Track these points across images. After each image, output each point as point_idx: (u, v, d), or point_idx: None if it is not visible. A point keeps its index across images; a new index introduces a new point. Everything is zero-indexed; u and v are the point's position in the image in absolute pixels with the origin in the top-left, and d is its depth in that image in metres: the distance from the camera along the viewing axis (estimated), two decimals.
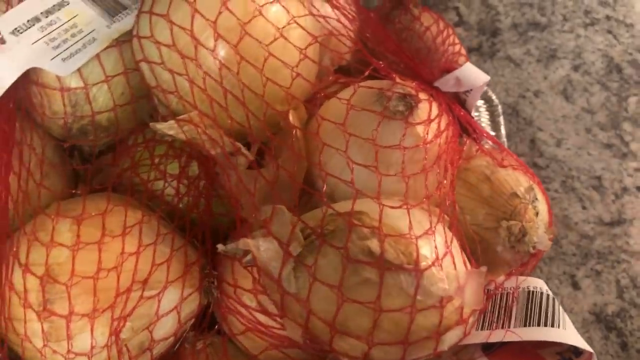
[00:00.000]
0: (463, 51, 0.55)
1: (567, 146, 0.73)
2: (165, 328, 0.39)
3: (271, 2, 0.40)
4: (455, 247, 0.34)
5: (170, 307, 0.39)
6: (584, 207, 0.68)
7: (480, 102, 0.60)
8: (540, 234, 0.39)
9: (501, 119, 0.58)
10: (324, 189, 0.35)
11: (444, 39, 0.52)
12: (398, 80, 0.39)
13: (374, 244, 0.31)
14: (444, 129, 0.38)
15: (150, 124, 0.41)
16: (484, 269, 0.33)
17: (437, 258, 0.31)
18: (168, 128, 0.41)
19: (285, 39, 0.39)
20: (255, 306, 0.38)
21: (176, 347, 0.42)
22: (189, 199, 0.44)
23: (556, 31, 0.82)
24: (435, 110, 0.38)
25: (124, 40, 0.44)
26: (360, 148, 0.37)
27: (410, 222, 0.32)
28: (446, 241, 0.33)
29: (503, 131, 0.58)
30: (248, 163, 0.41)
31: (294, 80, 0.39)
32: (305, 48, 0.39)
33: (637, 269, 0.65)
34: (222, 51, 0.38)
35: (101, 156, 0.48)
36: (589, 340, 0.61)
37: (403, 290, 0.30)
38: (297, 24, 0.40)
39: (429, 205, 0.34)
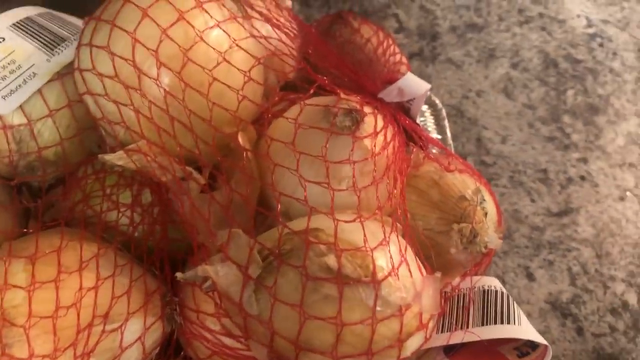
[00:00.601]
0: (404, 60, 0.56)
1: (512, 142, 0.75)
2: None
3: (211, 27, 0.40)
4: (410, 255, 0.35)
5: (133, 338, 0.39)
6: (532, 200, 0.71)
7: (424, 107, 0.62)
8: (490, 234, 0.40)
9: (446, 122, 0.60)
10: (279, 208, 0.35)
11: (384, 49, 0.53)
12: (343, 95, 0.39)
13: (331, 260, 0.31)
14: (390, 139, 0.39)
15: (99, 155, 0.41)
16: (439, 274, 0.34)
17: (393, 268, 0.32)
18: (117, 159, 0.40)
19: (229, 62, 0.39)
20: (219, 329, 0.38)
21: None
22: (144, 227, 0.44)
23: (493, 31, 0.85)
24: (380, 123, 0.39)
25: (66, 73, 0.43)
26: (311, 165, 0.37)
27: (365, 234, 0.33)
28: (400, 250, 0.34)
29: (449, 134, 0.59)
30: (200, 187, 0.41)
31: (241, 103, 0.40)
32: (249, 70, 0.39)
33: (587, 255, 0.67)
34: (166, 79, 0.38)
35: (51, 190, 0.47)
36: (547, 329, 0.63)
37: (363, 302, 0.31)
38: (239, 46, 0.40)
39: (382, 215, 0.35)
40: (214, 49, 0.39)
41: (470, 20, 0.85)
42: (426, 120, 0.61)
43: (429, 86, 0.45)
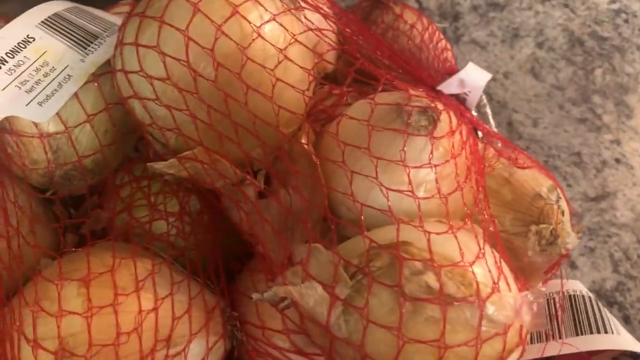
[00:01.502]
0: (448, 45, 0.53)
1: (544, 125, 0.73)
2: None
3: (267, 21, 0.37)
4: (505, 266, 0.32)
5: (198, 359, 0.36)
6: (568, 185, 0.69)
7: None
8: (571, 234, 0.38)
9: (488, 109, 0.57)
10: (362, 219, 0.33)
11: (430, 35, 0.50)
12: (412, 91, 0.37)
13: (431, 279, 0.29)
14: (466, 138, 0.36)
15: (148, 165, 0.38)
16: (541, 288, 0.31)
17: (494, 283, 0.30)
18: (168, 167, 0.37)
19: (289, 59, 0.36)
20: (288, 347, 0.36)
21: None
22: (195, 238, 0.41)
23: (515, 9, 0.82)
24: (454, 120, 0.36)
25: (102, 74, 0.40)
26: (384, 170, 0.34)
27: (460, 248, 0.30)
28: (496, 262, 0.31)
29: (492, 121, 0.57)
30: (257, 192, 0.39)
31: (295, 101, 0.37)
32: (312, 68, 0.36)
33: (628, 240, 0.66)
34: (225, 80, 0.35)
35: (84, 200, 0.44)
36: None
37: (467, 323, 0.29)
38: (298, 41, 0.37)
39: (472, 224, 0.33)
40: (272, 44, 0.36)
41: None
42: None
43: (489, 76, 0.43)
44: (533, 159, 0.43)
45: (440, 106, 0.37)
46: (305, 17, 0.40)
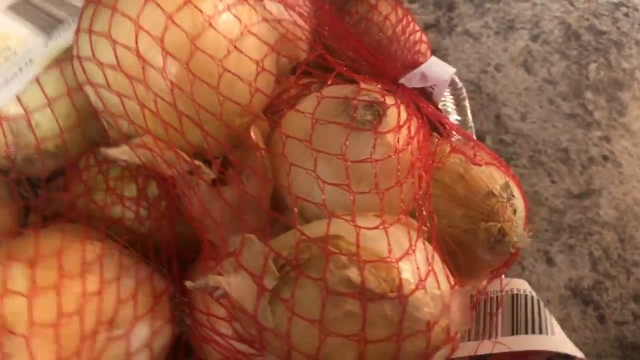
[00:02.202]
0: (424, 38, 0.53)
1: (532, 120, 0.72)
2: None
3: (221, 12, 0.37)
4: (438, 264, 0.32)
5: (141, 343, 0.37)
6: (552, 181, 0.68)
7: None
8: (519, 233, 0.38)
9: (466, 102, 0.57)
10: (296, 212, 0.33)
11: (404, 27, 0.50)
12: (363, 85, 0.36)
13: (353, 274, 0.29)
14: (414, 133, 0.36)
15: (101, 149, 0.39)
16: (470, 288, 0.31)
17: (420, 280, 0.30)
18: (121, 153, 0.38)
19: (240, 51, 0.36)
20: (231, 334, 0.36)
21: None
22: (150, 223, 0.42)
23: (512, 1, 0.81)
24: (404, 115, 0.36)
25: (64, 58, 0.41)
26: (328, 163, 0.34)
27: (389, 243, 0.30)
28: (427, 258, 0.31)
29: (469, 115, 0.56)
30: (209, 182, 0.39)
31: (246, 93, 0.37)
32: (262, 59, 0.36)
33: (609, 239, 0.65)
34: (173, 70, 0.35)
35: (51, 182, 0.45)
36: (567, 316, 0.61)
37: (388, 319, 0.29)
38: (251, 32, 0.37)
39: (407, 220, 0.33)
40: (224, 36, 0.36)
41: None
42: (445, 100, 0.58)
43: (453, 70, 0.42)
44: (495, 156, 0.43)
45: (390, 101, 0.36)
46: (264, 8, 0.40)
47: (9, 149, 0.40)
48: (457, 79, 0.59)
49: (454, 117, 0.56)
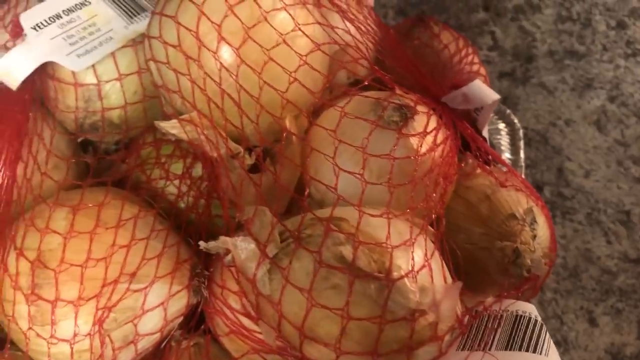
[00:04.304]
0: (482, 71, 0.54)
1: (596, 178, 0.70)
2: (151, 323, 0.40)
3: (279, 9, 0.40)
4: (436, 262, 0.33)
5: (156, 302, 0.39)
6: (608, 242, 0.66)
7: (501, 126, 0.59)
8: (535, 258, 0.38)
9: (521, 144, 0.57)
10: (307, 192, 0.35)
11: (461, 57, 0.51)
12: (398, 91, 0.38)
13: (346, 250, 0.30)
14: (440, 143, 0.37)
15: (155, 122, 0.42)
16: (459, 283, 0.32)
17: (412, 270, 0.31)
18: (171, 127, 0.41)
19: (288, 45, 0.39)
20: (239, 309, 0.38)
21: (163, 344, 0.42)
22: (189, 199, 0.45)
23: (594, 60, 0.80)
24: (433, 124, 0.38)
25: (140, 41, 0.45)
26: (351, 156, 0.36)
27: (389, 231, 0.32)
28: (426, 254, 0.32)
29: (522, 155, 0.56)
30: (246, 167, 0.42)
31: (295, 88, 0.39)
32: (307, 55, 0.39)
33: None
34: (225, 54, 0.39)
35: (115, 153, 0.49)
36: None
37: (372, 298, 0.30)
38: (302, 32, 0.40)
39: (413, 217, 0.34)
40: (276, 30, 0.39)
41: (571, 46, 0.81)
42: (501, 138, 0.58)
43: (497, 97, 0.43)
44: (528, 185, 0.43)
45: (422, 109, 0.38)
46: (322, 16, 0.43)
47: (78, 112, 0.45)
48: (516, 121, 0.60)
49: (506, 155, 0.57)
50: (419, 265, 0.31)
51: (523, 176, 0.57)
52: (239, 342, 0.39)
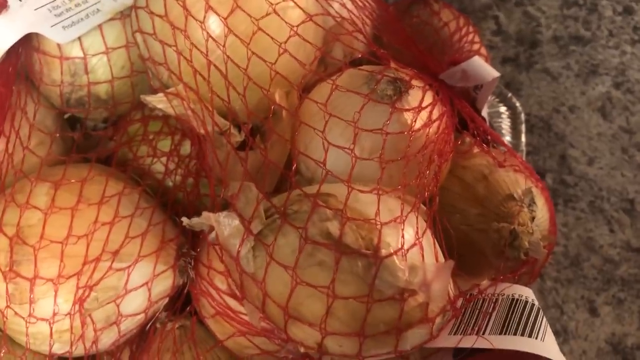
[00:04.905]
0: (483, 51, 0.52)
1: (600, 165, 0.68)
2: (135, 304, 0.38)
3: None
4: (428, 240, 0.31)
5: (140, 282, 0.38)
6: (611, 230, 0.64)
7: (503, 109, 0.58)
8: (533, 240, 0.36)
9: (523, 127, 0.55)
10: (294, 167, 0.33)
11: (461, 36, 0.49)
12: (393, 65, 0.37)
13: (333, 226, 0.29)
14: (436, 119, 0.36)
15: (141, 96, 0.41)
16: (451, 262, 0.30)
17: (401, 248, 0.29)
18: (157, 101, 0.40)
19: (280, 16, 0.38)
20: (225, 289, 0.37)
21: (148, 326, 0.41)
22: (176, 178, 0.43)
23: (600, 46, 0.78)
24: (428, 99, 0.36)
25: (129, 14, 0.44)
26: (343, 131, 0.35)
27: (378, 208, 0.30)
28: (417, 232, 0.31)
29: (523, 139, 0.55)
30: (237, 144, 0.40)
31: (285, 61, 0.38)
32: (298, 26, 0.38)
33: None
34: (212, 24, 0.37)
35: (102, 130, 0.48)
36: None
37: (359, 276, 0.28)
38: (295, 2, 0.38)
39: (404, 194, 0.32)
40: (266, 0, 0.38)
41: (576, 32, 0.79)
42: (502, 122, 0.56)
43: (497, 74, 0.41)
44: (528, 166, 0.41)
45: (417, 83, 0.36)
46: None
47: (63, 86, 0.43)
48: (517, 104, 0.58)
49: (507, 139, 0.55)
50: (409, 243, 0.30)
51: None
52: (225, 324, 0.37)
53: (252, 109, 0.39)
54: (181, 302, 0.41)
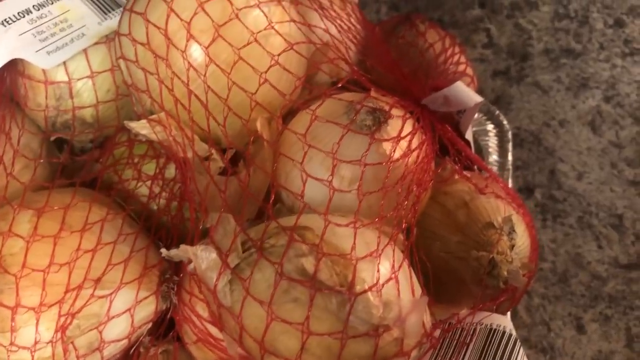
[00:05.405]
0: (469, 71, 0.52)
1: (589, 180, 0.69)
2: (117, 330, 0.38)
3: (252, 6, 0.39)
4: (405, 274, 0.31)
5: (123, 308, 0.38)
6: (599, 246, 0.64)
7: (490, 127, 0.58)
8: (512, 269, 0.36)
9: (509, 145, 0.56)
10: (272, 199, 0.34)
11: (447, 57, 0.50)
12: (373, 93, 0.37)
13: (308, 262, 0.29)
14: (415, 148, 0.36)
15: (125, 122, 0.41)
16: (425, 297, 0.30)
17: (377, 283, 0.29)
18: (141, 127, 0.40)
19: (261, 45, 0.38)
20: (207, 317, 0.37)
21: (132, 350, 0.41)
22: (160, 201, 0.43)
23: (591, 59, 0.78)
24: (408, 128, 0.36)
25: (114, 38, 0.44)
26: (322, 161, 0.35)
27: (354, 242, 0.30)
28: (393, 266, 0.31)
29: (510, 158, 0.55)
30: (220, 169, 0.40)
31: (267, 90, 0.38)
32: (279, 55, 0.38)
33: None
34: (194, 53, 0.37)
35: (87, 153, 0.48)
36: None
37: (333, 313, 0.29)
38: (276, 31, 0.39)
39: (382, 226, 0.32)
40: (249, 28, 0.38)
41: (567, 45, 0.79)
42: (489, 140, 0.57)
43: (480, 99, 0.42)
44: (511, 192, 0.42)
45: (397, 112, 0.37)
46: (300, 14, 0.42)
47: (48, 110, 0.43)
48: (505, 122, 0.58)
49: (493, 158, 0.55)
50: (385, 278, 0.30)
51: (512, 178, 0.55)
52: (207, 350, 0.38)
53: (235, 136, 0.39)
54: (165, 326, 0.41)
